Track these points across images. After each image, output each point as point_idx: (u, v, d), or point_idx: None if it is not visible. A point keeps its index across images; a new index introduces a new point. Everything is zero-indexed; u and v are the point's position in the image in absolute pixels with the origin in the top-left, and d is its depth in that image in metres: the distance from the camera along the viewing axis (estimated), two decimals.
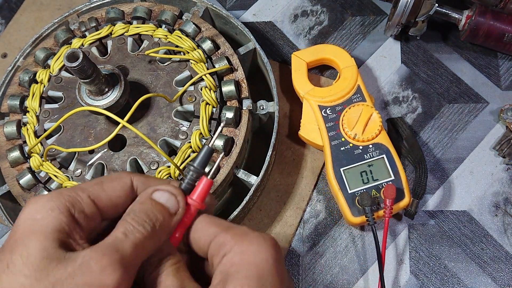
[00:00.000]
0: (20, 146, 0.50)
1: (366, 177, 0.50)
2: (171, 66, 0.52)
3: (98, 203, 0.30)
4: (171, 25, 0.54)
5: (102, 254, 0.26)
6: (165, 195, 0.31)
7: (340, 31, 0.64)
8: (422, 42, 0.62)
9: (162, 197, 0.31)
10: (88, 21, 0.56)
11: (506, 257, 0.51)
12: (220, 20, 0.59)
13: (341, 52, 0.56)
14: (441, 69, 0.61)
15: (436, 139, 0.57)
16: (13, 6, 0.71)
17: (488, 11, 0.56)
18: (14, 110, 0.52)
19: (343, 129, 0.52)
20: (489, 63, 0.61)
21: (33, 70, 0.54)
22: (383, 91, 0.60)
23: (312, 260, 0.53)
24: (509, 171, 0.55)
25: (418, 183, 0.53)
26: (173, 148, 0.50)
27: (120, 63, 0.52)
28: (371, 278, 0.52)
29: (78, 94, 0.46)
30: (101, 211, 0.30)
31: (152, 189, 0.31)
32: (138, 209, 0.30)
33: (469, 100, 0.59)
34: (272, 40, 0.65)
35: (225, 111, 0.49)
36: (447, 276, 0.51)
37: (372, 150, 0.51)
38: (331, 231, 0.54)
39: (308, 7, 0.66)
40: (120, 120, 0.43)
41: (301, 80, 0.55)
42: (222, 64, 0.51)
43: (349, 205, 0.49)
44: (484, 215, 0.53)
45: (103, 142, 0.45)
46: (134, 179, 0.32)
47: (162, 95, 0.49)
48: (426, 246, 0.53)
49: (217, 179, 0.47)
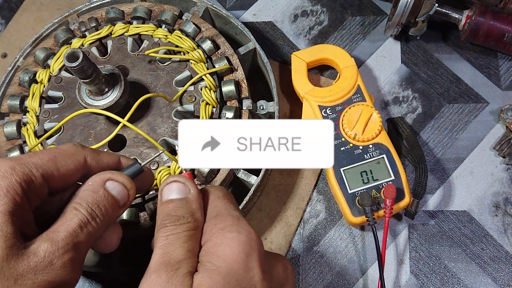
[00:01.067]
0: (20, 146, 0.50)
1: (366, 177, 0.50)
2: (171, 66, 0.52)
3: (51, 181, 0.30)
4: (171, 25, 0.54)
5: (63, 250, 0.26)
6: (118, 187, 0.31)
7: (340, 31, 0.64)
8: (422, 42, 0.62)
9: (115, 189, 0.31)
10: (88, 21, 0.56)
11: (506, 257, 0.51)
12: (220, 20, 0.59)
13: (341, 52, 0.56)
14: (441, 69, 0.61)
15: (436, 139, 0.57)
16: (13, 6, 0.71)
17: (488, 11, 0.56)
18: (14, 110, 0.52)
19: (343, 129, 0.52)
20: (489, 63, 0.61)
21: (33, 70, 0.54)
22: (383, 91, 0.60)
23: (312, 260, 0.53)
24: (509, 171, 0.55)
25: (418, 183, 0.53)
26: (173, 148, 0.50)
27: (120, 63, 0.52)
28: (371, 278, 0.52)
29: (78, 94, 0.46)
30: (51, 188, 0.30)
31: (106, 177, 0.31)
32: (91, 200, 0.30)
33: (469, 100, 0.59)
34: (272, 40, 0.65)
35: (225, 111, 0.49)
36: (447, 276, 0.51)
37: (372, 150, 0.51)
38: (331, 231, 0.54)
39: (308, 7, 0.66)
40: (120, 120, 0.43)
41: (301, 80, 0.55)
42: (222, 64, 0.51)
43: (349, 205, 0.49)
44: (484, 215, 0.53)
45: (103, 142, 0.45)
46: (88, 156, 0.32)
47: (162, 95, 0.49)
48: (426, 246, 0.53)
49: (217, 179, 0.47)
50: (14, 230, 0.26)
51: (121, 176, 0.32)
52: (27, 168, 0.28)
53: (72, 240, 0.27)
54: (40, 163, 0.29)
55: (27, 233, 0.27)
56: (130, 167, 0.34)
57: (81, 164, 0.32)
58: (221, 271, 0.28)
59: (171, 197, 0.32)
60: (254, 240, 0.30)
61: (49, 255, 0.26)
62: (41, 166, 0.29)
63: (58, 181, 0.30)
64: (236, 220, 0.31)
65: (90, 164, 0.32)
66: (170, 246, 0.29)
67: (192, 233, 0.30)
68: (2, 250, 0.25)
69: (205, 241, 0.30)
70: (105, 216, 0.30)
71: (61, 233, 0.27)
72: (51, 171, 0.29)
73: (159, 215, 0.31)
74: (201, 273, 0.28)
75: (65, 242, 0.27)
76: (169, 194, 0.32)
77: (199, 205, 0.32)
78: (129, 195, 0.32)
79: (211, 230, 0.30)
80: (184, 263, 0.28)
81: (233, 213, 0.32)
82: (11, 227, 0.25)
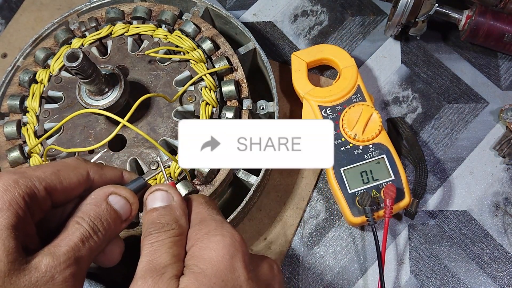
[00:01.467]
0: (20, 146, 0.50)
1: (366, 177, 0.50)
2: (171, 66, 0.52)
3: (53, 194, 0.30)
4: (171, 25, 0.54)
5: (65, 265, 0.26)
6: (121, 202, 0.31)
7: (340, 31, 0.64)
8: (422, 42, 0.62)
9: (118, 203, 0.31)
10: (88, 21, 0.56)
11: (506, 257, 0.51)
12: (220, 20, 0.59)
13: (341, 52, 0.56)
14: (441, 69, 0.61)
15: (436, 139, 0.57)
16: (13, 6, 0.71)
17: (488, 11, 0.56)
18: (14, 110, 0.52)
19: (343, 129, 0.52)
20: (489, 63, 0.61)
21: (33, 70, 0.54)
22: (383, 91, 0.60)
23: (312, 260, 0.53)
24: (509, 171, 0.55)
25: (418, 183, 0.53)
26: (173, 148, 0.50)
27: (120, 63, 0.52)
28: (371, 278, 0.52)
29: (78, 94, 0.46)
30: (54, 202, 0.30)
31: (109, 191, 0.31)
32: (93, 214, 0.30)
33: (469, 100, 0.59)
34: (272, 40, 0.65)
35: (225, 111, 0.49)
36: (447, 276, 0.51)
37: (372, 150, 0.51)
38: (331, 231, 0.54)
39: (308, 7, 0.66)
40: (120, 120, 0.43)
41: (301, 80, 0.55)
42: (222, 64, 0.51)
43: (349, 205, 0.49)
44: (484, 215, 0.53)
45: (103, 142, 0.45)
46: (91, 170, 0.33)
47: (162, 95, 0.49)
48: (426, 246, 0.53)
49: (217, 179, 0.47)
50: (16, 244, 0.26)
51: (124, 191, 0.32)
52: (30, 181, 0.28)
53: (73, 255, 0.27)
54: (43, 177, 0.29)
55: (30, 246, 0.27)
56: (134, 181, 0.34)
57: (84, 177, 0.32)
58: (207, 273, 0.28)
59: (155, 206, 0.32)
60: (238, 242, 0.30)
61: (51, 269, 0.26)
62: (44, 180, 0.29)
63: (61, 194, 0.30)
64: (220, 224, 0.31)
65: (93, 178, 0.33)
66: (156, 253, 0.29)
67: (177, 239, 0.30)
68: (4, 265, 0.25)
69: (190, 246, 0.30)
70: (107, 230, 0.30)
71: (62, 248, 0.27)
72: (54, 184, 0.29)
73: (144, 224, 0.31)
74: (187, 276, 0.28)
75: (66, 256, 0.27)
76: (153, 202, 0.32)
77: (183, 212, 0.32)
78: (132, 209, 0.32)
79: (196, 235, 0.30)
80: (170, 268, 0.28)
81: (217, 218, 0.32)
82: (13, 241, 0.25)
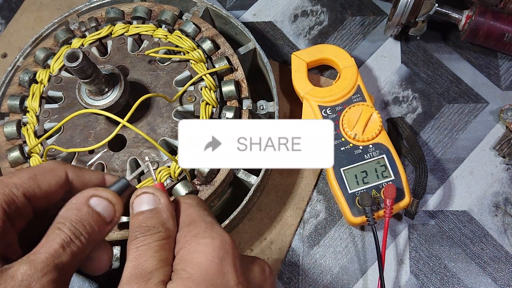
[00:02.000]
0: (20, 146, 0.50)
1: (366, 177, 0.50)
2: (171, 66, 0.52)
3: (33, 200, 0.29)
4: (171, 25, 0.54)
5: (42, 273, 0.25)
6: (103, 203, 0.30)
7: (340, 31, 0.64)
8: (422, 42, 0.62)
9: (100, 205, 0.30)
10: (88, 21, 0.56)
11: (506, 257, 0.51)
12: (220, 20, 0.59)
13: (341, 52, 0.56)
14: (441, 69, 0.61)
15: (436, 139, 0.57)
16: (13, 6, 0.71)
17: (488, 11, 0.56)
18: (14, 110, 0.52)
19: (343, 129, 0.52)
20: (489, 63, 0.61)
21: (33, 70, 0.54)
22: (383, 91, 0.60)
23: (312, 260, 0.53)
24: (509, 171, 0.55)
25: (418, 183, 0.53)
26: (173, 148, 0.50)
27: (120, 63, 0.52)
28: (371, 278, 0.52)
29: (78, 94, 0.46)
30: (35, 207, 0.29)
31: (90, 193, 0.30)
32: (74, 218, 0.29)
33: (469, 100, 0.59)
34: (272, 40, 0.65)
35: (225, 111, 0.49)
36: (447, 276, 0.51)
37: (372, 150, 0.51)
38: (331, 231, 0.54)
39: (308, 7, 0.66)
40: (120, 120, 0.43)
41: (301, 80, 0.55)
42: (222, 64, 0.51)
43: (349, 205, 0.49)
44: (484, 215, 0.53)
45: (103, 142, 0.44)
46: (69, 171, 0.32)
47: (162, 95, 0.49)
48: (426, 246, 0.53)
49: (217, 179, 0.47)
50: None
51: (105, 192, 0.31)
52: (7, 188, 0.27)
53: (53, 261, 0.26)
54: (20, 182, 0.28)
55: (10, 256, 0.27)
56: (116, 183, 0.33)
57: (62, 179, 0.31)
58: (195, 278, 0.27)
59: (142, 209, 0.31)
60: (228, 244, 0.29)
61: (27, 278, 0.25)
62: (21, 185, 0.28)
63: (41, 199, 0.29)
64: (210, 226, 0.30)
65: (72, 180, 0.32)
66: (141, 257, 0.28)
67: (164, 242, 0.29)
68: None
69: (179, 249, 0.29)
70: (90, 234, 0.29)
71: (41, 255, 0.26)
72: (32, 189, 0.29)
73: (130, 228, 0.30)
74: (175, 282, 0.27)
75: (44, 263, 0.26)
76: (139, 206, 0.31)
77: (171, 214, 0.31)
78: (116, 210, 0.31)
79: (185, 238, 0.29)
80: (156, 273, 0.27)
81: (207, 219, 0.31)
82: None
